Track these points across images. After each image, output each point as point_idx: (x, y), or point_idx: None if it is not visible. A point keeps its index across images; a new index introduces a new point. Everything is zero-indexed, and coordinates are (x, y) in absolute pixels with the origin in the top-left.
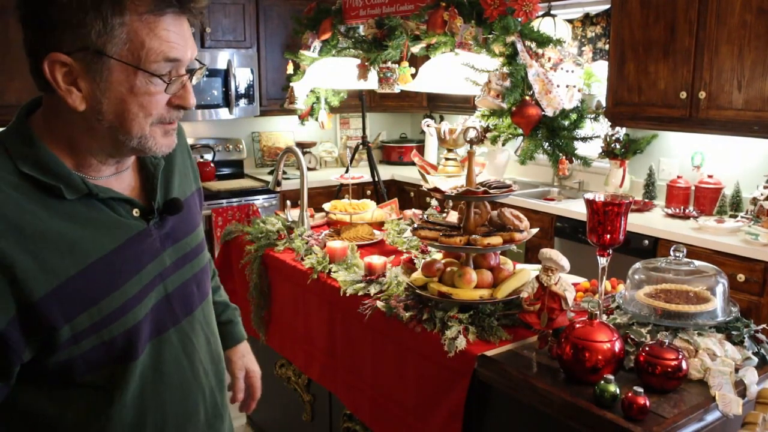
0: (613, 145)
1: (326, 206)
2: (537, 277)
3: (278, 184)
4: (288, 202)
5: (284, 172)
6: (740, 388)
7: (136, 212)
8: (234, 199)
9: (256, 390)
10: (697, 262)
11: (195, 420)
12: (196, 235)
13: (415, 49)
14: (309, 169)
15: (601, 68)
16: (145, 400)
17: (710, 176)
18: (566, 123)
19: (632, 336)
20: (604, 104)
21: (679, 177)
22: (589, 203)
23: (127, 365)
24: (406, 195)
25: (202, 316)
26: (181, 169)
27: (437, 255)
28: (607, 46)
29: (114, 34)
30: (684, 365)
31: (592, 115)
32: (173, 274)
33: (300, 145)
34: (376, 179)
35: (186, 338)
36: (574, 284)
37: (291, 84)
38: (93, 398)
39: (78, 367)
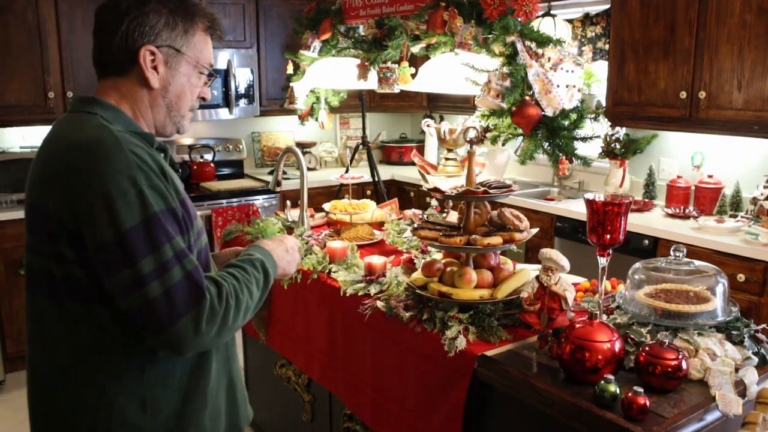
0: (613, 145)
1: (326, 206)
2: (537, 277)
3: (278, 184)
4: (288, 202)
5: (284, 172)
6: (740, 388)
7: None
8: (234, 199)
9: None
10: (697, 262)
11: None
12: None
13: (415, 49)
14: (309, 169)
15: (601, 68)
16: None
17: (710, 176)
18: (566, 123)
19: (632, 336)
20: (604, 104)
21: (679, 177)
22: (589, 203)
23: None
24: (406, 195)
25: None
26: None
27: (437, 255)
28: (607, 46)
29: (189, 40)
30: (684, 365)
31: (592, 115)
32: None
33: (300, 145)
34: (376, 179)
35: None
36: (574, 284)
37: (291, 84)
38: None
39: None
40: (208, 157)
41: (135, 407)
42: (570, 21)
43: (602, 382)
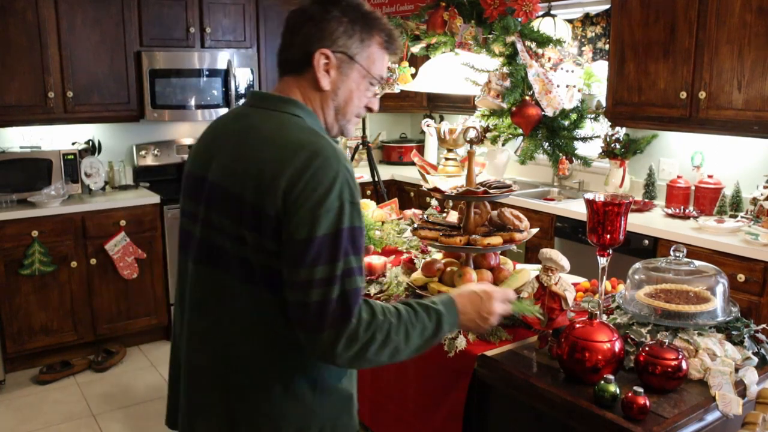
0: (613, 145)
1: None
2: (537, 277)
3: None
4: None
5: None
6: (740, 388)
7: None
8: None
9: None
10: (697, 262)
11: None
12: None
13: (415, 49)
14: None
15: (601, 68)
16: None
17: (710, 176)
18: (566, 123)
19: (632, 336)
20: (604, 104)
21: (679, 177)
22: (589, 203)
23: None
24: (406, 195)
25: None
26: None
27: (437, 255)
28: (607, 46)
29: (364, 50)
30: (684, 365)
31: (592, 115)
32: None
33: None
34: (376, 179)
35: None
36: (574, 284)
37: None
38: None
39: None
40: None
41: (307, 387)
42: (570, 21)
43: (602, 382)
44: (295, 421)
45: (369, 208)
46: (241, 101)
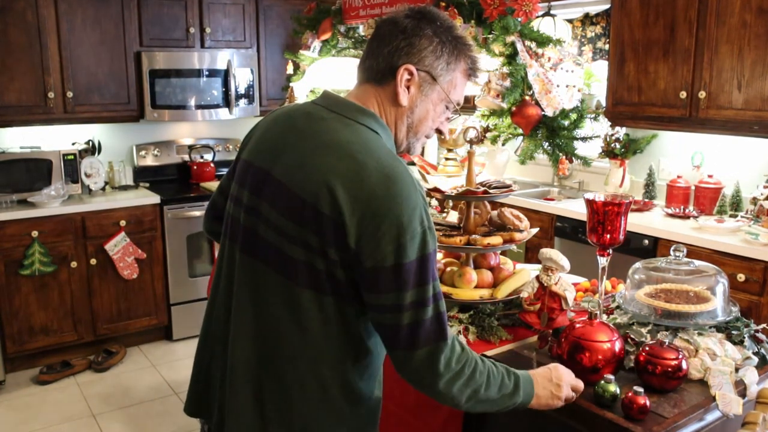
0: (613, 145)
1: None
2: (537, 277)
3: None
4: None
5: None
6: (740, 388)
7: None
8: None
9: None
10: (697, 262)
11: None
12: None
13: None
14: None
15: (601, 68)
16: None
17: (710, 176)
18: (566, 123)
19: (632, 336)
20: (604, 104)
21: (679, 177)
22: (589, 203)
23: None
24: None
25: None
26: None
27: (437, 255)
28: (607, 46)
29: (448, 74)
30: (684, 365)
31: (592, 115)
32: None
33: None
34: None
35: None
36: (574, 284)
37: (291, 84)
38: None
39: None
40: (208, 157)
41: (344, 395)
42: (570, 21)
43: (602, 382)
44: (325, 428)
45: None
46: (242, 101)
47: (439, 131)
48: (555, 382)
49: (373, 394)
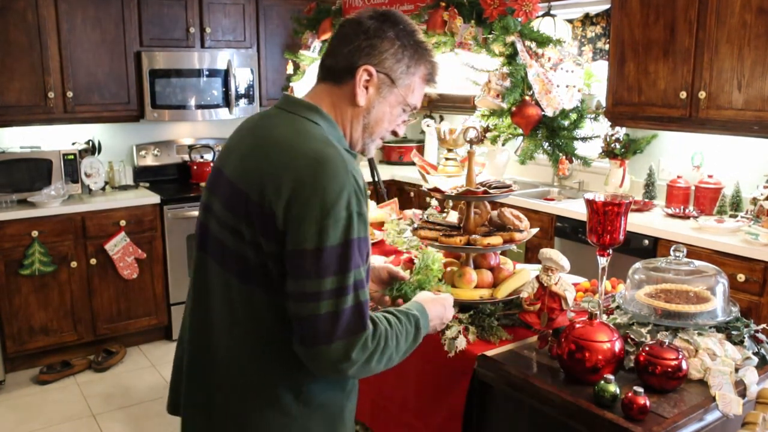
0: (613, 145)
1: None
2: (537, 277)
3: None
4: None
5: None
6: (740, 388)
7: None
8: None
9: None
10: (697, 262)
11: None
12: None
13: None
14: None
15: (601, 68)
16: None
17: (710, 176)
18: (566, 123)
19: (632, 336)
20: (604, 104)
21: (679, 177)
22: (589, 203)
23: None
24: (406, 195)
25: None
26: None
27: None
28: (607, 46)
29: (407, 78)
30: (684, 365)
31: (592, 115)
32: None
33: None
34: (376, 179)
35: None
36: (574, 284)
37: (291, 84)
38: None
39: None
40: (208, 157)
41: (291, 397)
42: (570, 21)
43: (602, 382)
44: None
45: (369, 209)
46: (242, 101)
47: (395, 133)
48: (444, 321)
49: (328, 399)
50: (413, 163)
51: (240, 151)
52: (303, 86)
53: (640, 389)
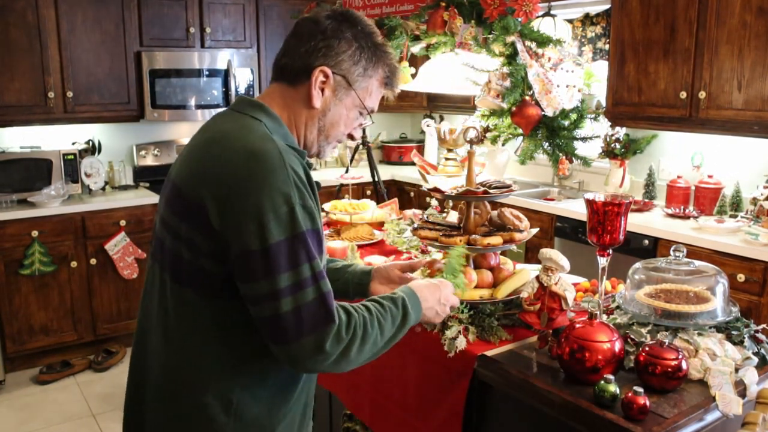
0: (613, 145)
1: (326, 206)
2: (537, 277)
3: None
4: None
5: None
6: (740, 388)
7: None
8: None
9: None
10: (697, 262)
11: None
12: None
13: (415, 49)
14: None
15: (601, 68)
16: None
17: (710, 176)
18: (566, 123)
19: (632, 336)
20: (604, 104)
21: (679, 177)
22: (589, 203)
23: None
24: (406, 195)
25: None
26: None
27: (437, 255)
28: (607, 46)
29: (364, 80)
30: (684, 365)
31: (592, 115)
32: None
33: None
34: (376, 179)
35: None
36: (574, 284)
37: None
38: None
39: None
40: None
41: (220, 407)
42: (570, 21)
43: (602, 382)
44: None
45: (369, 208)
46: None
47: (351, 137)
48: (442, 302)
49: (261, 414)
50: (413, 163)
51: (186, 150)
52: None
53: (640, 389)
